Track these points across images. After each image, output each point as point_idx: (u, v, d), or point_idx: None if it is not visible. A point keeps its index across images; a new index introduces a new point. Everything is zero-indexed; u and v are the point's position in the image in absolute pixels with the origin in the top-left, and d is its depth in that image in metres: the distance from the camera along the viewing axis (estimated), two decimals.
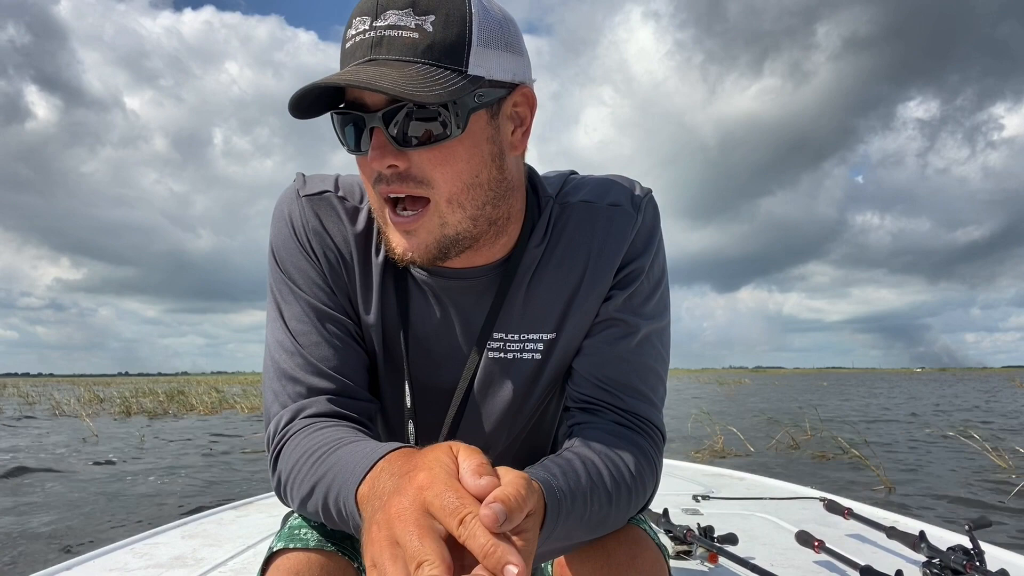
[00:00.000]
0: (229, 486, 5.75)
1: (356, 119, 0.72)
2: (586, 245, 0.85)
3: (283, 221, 0.86)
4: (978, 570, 1.63)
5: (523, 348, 0.87)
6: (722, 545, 1.88)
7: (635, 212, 0.85)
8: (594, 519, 0.73)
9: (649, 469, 0.81)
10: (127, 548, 2.00)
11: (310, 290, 0.85)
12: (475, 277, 0.84)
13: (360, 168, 0.77)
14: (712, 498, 2.77)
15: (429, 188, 0.72)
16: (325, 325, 0.84)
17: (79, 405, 17.61)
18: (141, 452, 8.09)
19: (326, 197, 0.86)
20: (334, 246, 0.86)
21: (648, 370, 0.86)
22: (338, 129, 0.75)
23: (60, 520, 4.44)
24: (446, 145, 0.71)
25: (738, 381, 40.59)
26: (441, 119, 0.70)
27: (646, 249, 0.85)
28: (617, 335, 0.85)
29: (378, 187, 0.73)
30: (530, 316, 0.86)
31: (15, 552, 3.67)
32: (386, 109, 0.70)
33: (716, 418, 9.75)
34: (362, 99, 0.72)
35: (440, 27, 0.68)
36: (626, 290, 0.85)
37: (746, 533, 2.07)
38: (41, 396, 24.59)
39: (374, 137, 0.71)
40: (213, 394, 19.90)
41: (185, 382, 42.02)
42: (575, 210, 0.86)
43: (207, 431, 10.86)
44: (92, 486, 5.73)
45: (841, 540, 2.11)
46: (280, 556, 0.77)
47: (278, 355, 0.83)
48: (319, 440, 0.74)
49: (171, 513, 4.59)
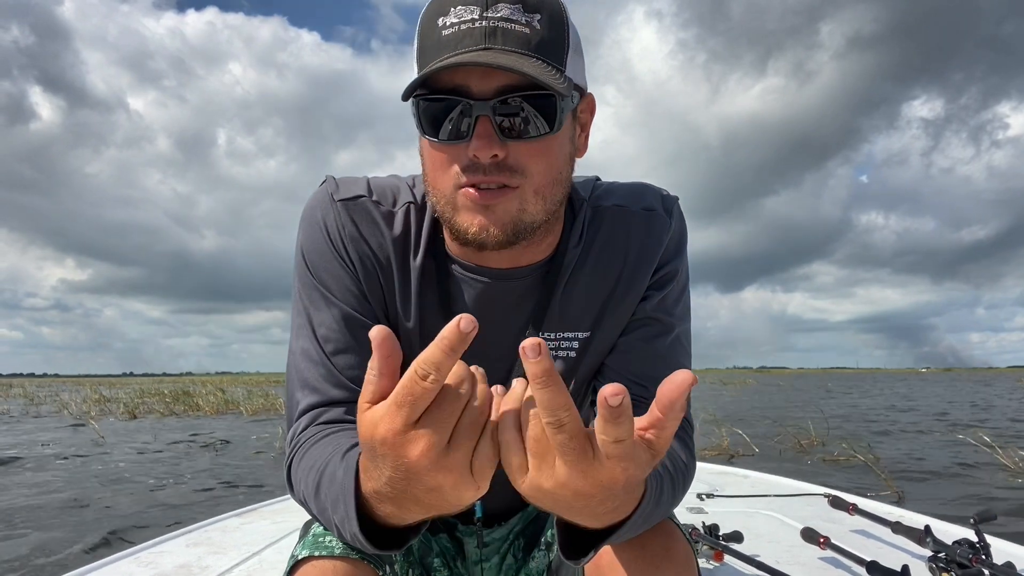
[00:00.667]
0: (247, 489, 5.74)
1: (463, 106, 0.71)
2: (623, 248, 0.87)
3: (316, 226, 0.85)
4: (984, 563, 1.63)
5: (559, 346, 0.88)
6: (727, 543, 1.88)
7: (669, 217, 0.89)
8: (665, 506, 0.73)
9: (691, 463, 0.83)
10: (131, 557, 2.00)
11: (343, 297, 0.84)
12: (519, 278, 0.86)
13: (438, 156, 0.75)
14: (717, 496, 2.77)
15: (522, 178, 0.73)
16: (356, 332, 0.83)
17: (87, 405, 17.63)
18: (154, 454, 8.09)
19: (361, 203, 0.85)
20: (371, 252, 0.85)
21: (679, 367, 0.87)
22: (425, 111, 0.73)
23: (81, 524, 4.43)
24: (545, 140, 0.74)
25: (743, 382, 40.39)
26: (546, 114, 0.72)
27: (678, 253, 0.89)
28: (652, 333, 0.88)
29: (468, 175, 0.73)
30: (567, 316, 0.88)
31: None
32: (497, 99, 0.70)
33: (724, 421, 9.71)
34: (467, 87, 0.71)
35: (546, 27, 0.71)
36: (662, 291, 0.88)
37: (751, 531, 2.07)
38: (47, 397, 24.55)
39: (479, 125, 0.70)
40: (219, 395, 19.92)
41: (190, 382, 41.97)
42: (609, 214, 0.89)
43: (217, 431, 10.88)
44: (108, 487, 5.73)
45: (846, 536, 2.10)
46: (305, 564, 0.76)
47: (302, 364, 0.83)
48: (319, 454, 0.73)
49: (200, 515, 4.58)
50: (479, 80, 0.71)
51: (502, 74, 0.70)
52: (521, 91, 0.71)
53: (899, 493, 5.28)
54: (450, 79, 0.71)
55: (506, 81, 0.71)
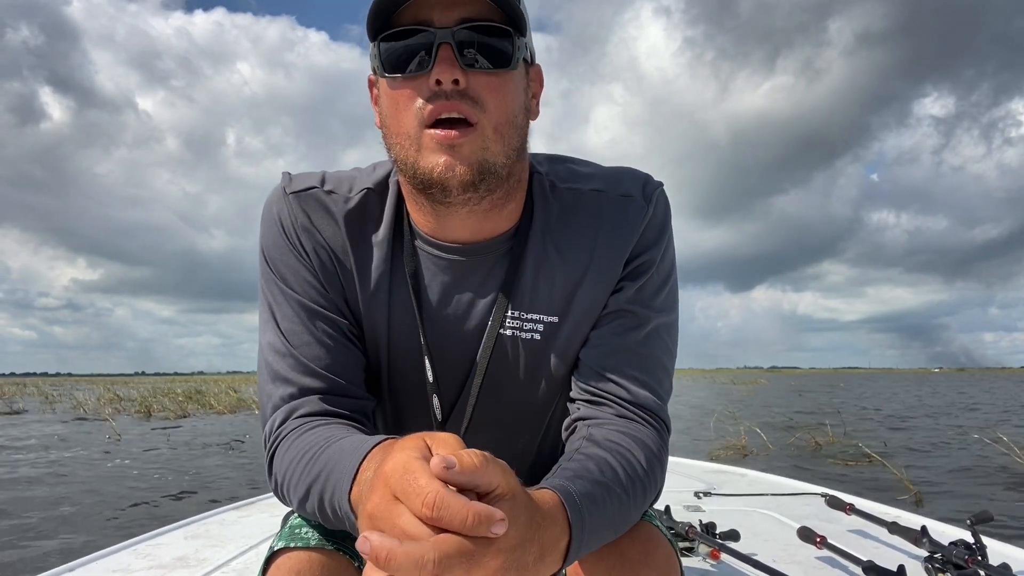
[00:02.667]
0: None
1: (424, 37, 0.74)
2: (596, 233, 0.85)
3: (272, 221, 0.86)
4: (980, 564, 1.63)
5: (522, 327, 0.87)
6: (724, 542, 1.88)
7: (647, 204, 0.85)
8: (617, 518, 0.72)
9: (658, 463, 0.81)
10: (129, 549, 2.01)
11: (301, 289, 0.85)
12: (485, 252, 0.85)
13: (399, 95, 0.76)
14: (714, 495, 2.77)
15: (481, 112, 0.74)
16: (316, 324, 0.84)
17: (102, 404, 17.67)
18: (171, 451, 8.10)
19: (313, 193, 0.86)
20: (324, 241, 0.85)
21: (655, 362, 0.86)
22: (387, 51, 0.76)
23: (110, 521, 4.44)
24: (503, 74, 0.76)
25: (754, 381, 40.16)
26: (503, 50, 0.75)
27: (657, 241, 0.86)
28: (626, 326, 0.85)
29: (432, 104, 0.73)
30: (534, 296, 0.86)
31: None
32: (457, 28, 0.73)
33: (742, 420, 9.68)
34: (429, 19, 0.73)
35: None
36: (636, 282, 0.85)
37: (748, 529, 2.07)
38: (61, 396, 24.57)
39: (441, 51, 0.73)
40: (231, 394, 19.97)
41: (202, 381, 41.98)
42: (586, 198, 0.87)
43: (230, 430, 10.90)
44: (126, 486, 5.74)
45: (843, 536, 2.11)
46: (281, 555, 0.77)
47: (270, 357, 0.84)
48: (310, 441, 0.74)
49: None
50: (441, 13, 0.73)
51: (462, 7, 0.73)
52: (481, 22, 0.74)
53: (918, 495, 5.23)
54: (413, 16, 0.74)
55: (466, 13, 0.74)
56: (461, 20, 0.73)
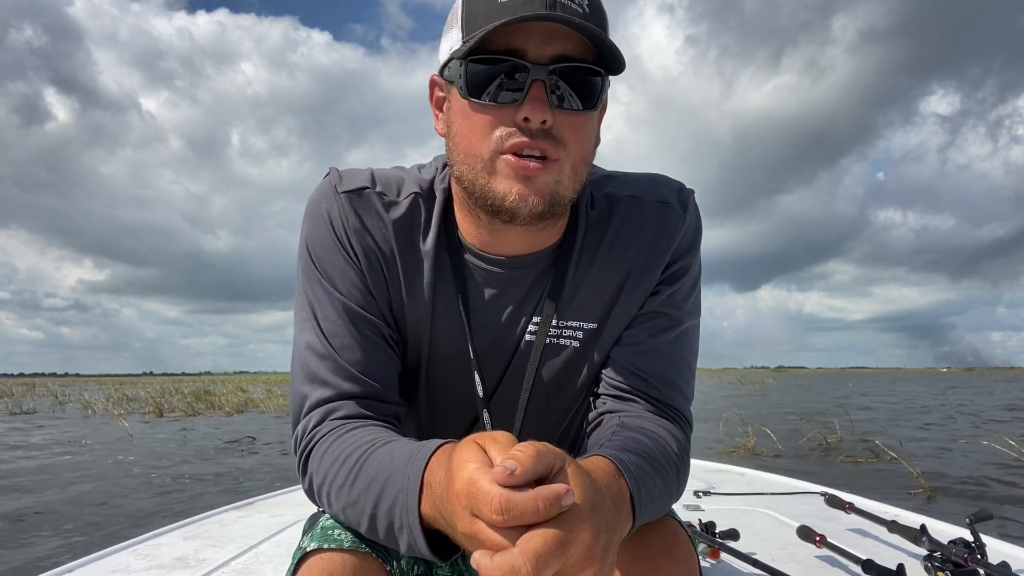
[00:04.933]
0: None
1: (518, 69, 0.72)
2: (635, 240, 0.87)
3: (320, 218, 0.84)
4: (979, 563, 1.63)
5: (561, 334, 0.88)
6: (724, 541, 1.88)
7: (683, 211, 0.88)
8: (662, 490, 0.74)
9: (685, 455, 0.83)
10: (129, 549, 2.01)
11: (347, 290, 0.83)
12: (529, 265, 0.86)
13: (480, 119, 0.75)
14: (713, 494, 2.77)
15: (562, 150, 0.74)
16: (359, 327, 0.83)
17: (111, 404, 17.72)
18: (183, 450, 8.12)
19: (366, 194, 0.85)
20: (375, 245, 0.84)
21: (683, 363, 0.88)
22: (475, 73, 0.73)
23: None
24: (585, 116, 0.76)
25: (761, 381, 40.06)
26: (592, 91, 0.74)
27: (692, 248, 0.89)
28: (659, 327, 0.87)
29: (511, 140, 0.73)
30: (576, 304, 0.88)
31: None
32: (553, 67, 0.72)
33: (751, 421, 9.67)
34: (524, 50, 0.71)
35: (595, 13, 0.74)
36: (672, 286, 0.87)
37: (748, 528, 2.07)
38: (70, 396, 24.60)
39: (534, 88, 0.71)
40: (239, 394, 20.01)
41: (210, 382, 42.00)
42: (623, 204, 0.88)
43: (242, 429, 10.93)
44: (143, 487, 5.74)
45: (842, 534, 2.11)
46: (313, 556, 0.76)
47: (308, 357, 0.82)
48: (352, 443, 0.74)
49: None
50: (537, 45, 0.71)
51: (558, 42, 0.71)
52: (575, 62, 0.72)
53: (930, 491, 5.21)
54: (506, 41, 0.71)
55: (562, 50, 0.72)
56: (557, 56, 0.72)
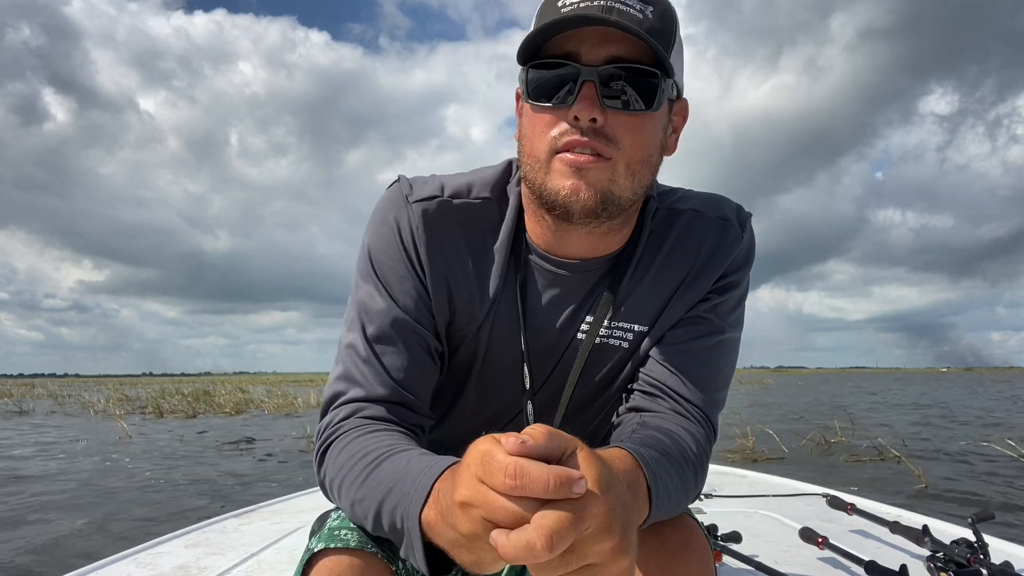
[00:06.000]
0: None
1: (570, 71, 0.75)
2: (694, 250, 0.90)
3: (387, 225, 0.86)
4: (982, 563, 1.63)
5: (611, 334, 0.91)
6: (726, 543, 1.88)
7: (741, 231, 0.91)
8: (679, 486, 0.75)
9: (705, 457, 0.84)
10: (130, 558, 2.00)
11: (401, 299, 0.86)
12: (592, 269, 0.89)
13: (538, 120, 0.78)
14: (715, 496, 2.77)
15: (615, 149, 0.76)
16: (405, 337, 0.85)
17: (111, 404, 17.72)
18: (186, 451, 8.12)
19: (436, 203, 0.87)
20: (443, 255, 0.87)
21: (717, 370, 0.90)
22: (534, 78, 0.77)
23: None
24: (641, 116, 0.77)
25: (761, 381, 40.09)
26: (647, 92, 0.76)
27: (744, 265, 0.92)
28: (700, 331, 0.90)
29: (564, 138, 0.76)
30: (629, 306, 0.90)
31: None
32: (603, 67, 0.74)
33: (749, 421, 9.67)
34: (578, 53, 0.75)
35: (658, 18, 0.75)
36: (721, 296, 0.91)
37: (749, 531, 2.07)
38: (70, 396, 24.56)
39: (584, 88, 0.74)
40: (239, 394, 20.01)
41: (209, 382, 41.99)
42: (685, 216, 0.91)
43: (242, 430, 10.95)
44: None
45: (845, 536, 2.10)
46: (321, 557, 0.77)
47: (349, 357, 0.85)
48: (371, 444, 0.75)
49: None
50: (590, 48, 0.74)
51: (612, 45, 0.74)
52: (628, 63, 0.74)
53: (930, 488, 5.18)
54: (562, 47, 0.75)
55: (615, 52, 0.74)
56: (610, 58, 0.74)
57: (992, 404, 17.17)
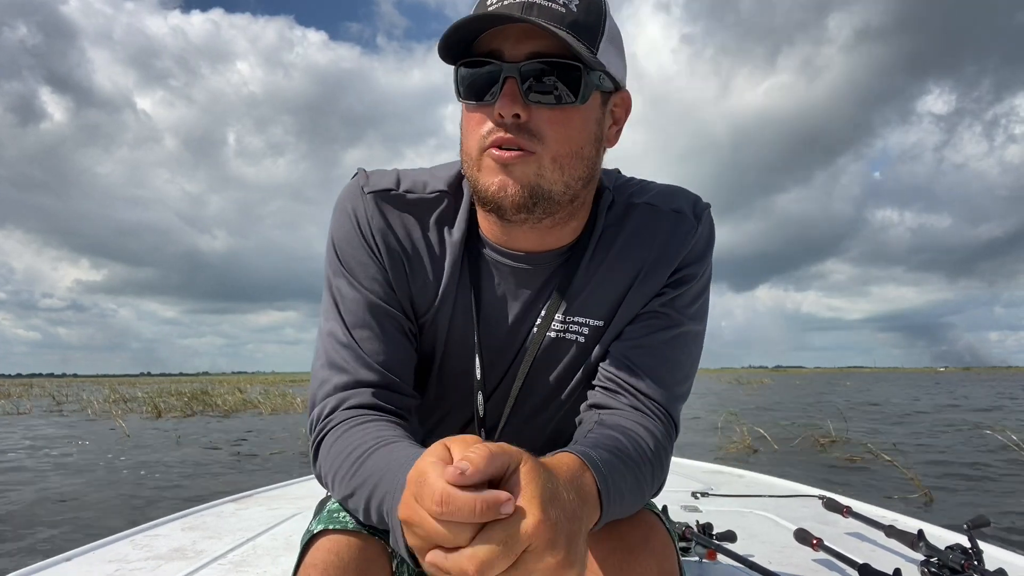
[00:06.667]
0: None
1: (493, 68, 0.76)
2: (647, 244, 0.90)
3: (346, 216, 0.89)
4: (976, 569, 1.63)
5: (567, 329, 0.91)
6: (720, 543, 1.88)
7: (696, 222, 0.91)
8: (632, 486, 0.76)
9: (664, 453, 0.85)
10: (127, 540, 2.01)
11: (369, 285, 0.88)
12: (545, 262, 0.90)
13: (471, 118, 0.80)
14: (711, 495, 2.77)
15: (539, 144, 0.77)
16: (380, 320, 0.88)
17: (109, 404, 17.77)
18: (186, 451, 8.13)
19: (391, 194, 0.89)
20: (398, 242, 0.89)
21: (676, 364, 0.90)
22: (463, 77, 0.79)
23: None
24: (566, 109, 0.77)
25: (759, 381, 40.02)
26: (570, 85, 0.76)
27: (701, 257, 0.92)
28: (657, 326, 0.90)
29: (491, 136, 0.77)
30: (584, 301, 0.91)
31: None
32: (524, 63, 0.75)
33: (744, 419, 9.67)
34: (501, 51, 0.76)
35: (583, 11, 0.76)
36: (676, 290, 0.91)
37: (745, 531, 2.07)
38: (68, 396, 24.60)
39: (506, 85, 0.75)
40: (237, 394, 20.08)
41: (207, 382, 42.13)
42: (639, 210, 0.92)
43: (245, 428, 10.97)
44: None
45: (840, 538, 2.11)
46: (321, 537, 0.80)
47: (329, 345, 0.87)
48: (359, 438, 0.78)
49: None
50: (512, 45, 0.76)
51: (533, 41, 0.75)
52: (549, 58, 0.75)
53: (928, 494, 5.18)
54: (487, 45, 0.77)
55: (536, 47, 0.75)
56: (531, 54, 0.75)
57: (994, 402, 17.16)
